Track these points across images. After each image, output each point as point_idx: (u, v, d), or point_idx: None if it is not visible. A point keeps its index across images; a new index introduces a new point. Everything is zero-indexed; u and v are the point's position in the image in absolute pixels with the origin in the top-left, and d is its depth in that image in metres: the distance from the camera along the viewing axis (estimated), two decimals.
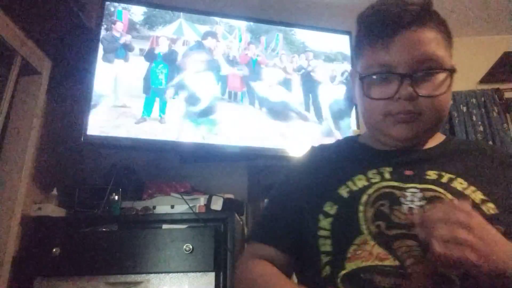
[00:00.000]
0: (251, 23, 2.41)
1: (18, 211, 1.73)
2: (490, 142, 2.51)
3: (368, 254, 0.65)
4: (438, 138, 0.84)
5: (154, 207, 1.88)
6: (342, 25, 2.62)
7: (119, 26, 2.12)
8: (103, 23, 2.08)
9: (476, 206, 0.66)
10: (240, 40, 2.32)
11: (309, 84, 2.41)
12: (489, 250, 0.54)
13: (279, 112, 2.28)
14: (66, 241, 1.65)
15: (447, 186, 0.70)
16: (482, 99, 2.64)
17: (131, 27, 2.14)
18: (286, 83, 2.35)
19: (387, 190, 0.71)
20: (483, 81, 2.74)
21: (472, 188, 0.70)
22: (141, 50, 2.12)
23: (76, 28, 1.98)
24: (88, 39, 2.05)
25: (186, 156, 2.25)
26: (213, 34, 2.25)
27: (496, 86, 2.69)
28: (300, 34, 2.50)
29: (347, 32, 2.60)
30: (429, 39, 0.75)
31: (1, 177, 1.75)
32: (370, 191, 0.72)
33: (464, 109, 2.62)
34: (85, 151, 2.22)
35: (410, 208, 0.67)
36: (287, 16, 2.56)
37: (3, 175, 1.76)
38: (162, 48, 2.15)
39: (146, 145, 2.02)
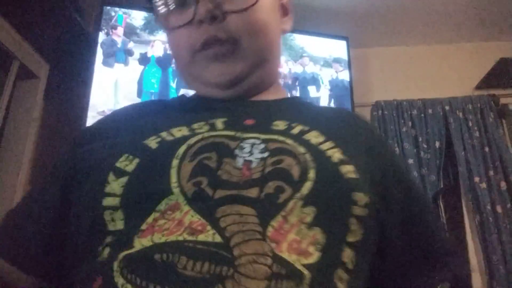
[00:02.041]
0: None
1: None
2: (486, 148, 2.53)
3: (176, 224, 0.42)
4: (283, 93, 0.68)
5: None
6: (339, 31, 2.64)
7: (120, 31, 2.12)
8: (103, 27, 2.09)
9: (333, 166, 0.48)
10: None
11: (305, 91, 2.42)
12: None
13: None
14: None
15: (298, 138, 0.51)
16: (478, 105, 2.66)
17: (131, 32, 2.15)
18: (284, 88, 2.37)
19: (217, 140, 0.51)
20: (479, 87, 2.76)
21: (330, 143, 0.51)
22: (141, 54, 2.13)
23: (74, 32, 1.97)
24: (86, 43, 2.05)
25: None
26: None
27: (492, 92, 2.72)
28: (299, 40, 2.52)
29: (344, 38, 2.61)
30: None
31: None
32: (192, 140, 0.50)
33: (460, 114, 2.64)
34: None
35: (247, 161, 0.47)
36: None
37: (0, 179, 1.75)
38: (156, 52, 2.16)
39: None
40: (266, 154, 0.48)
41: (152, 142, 0.51)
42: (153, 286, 0.38)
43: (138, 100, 2.05)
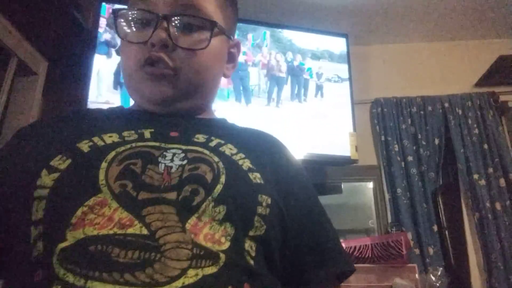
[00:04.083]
0: (240, 24, 2.43)
1: None
2: (485, 145, 2.53)
3: (106, 220, 0.48)
4: (212, 115, 0.79)
5: None
6: (339, 28, 2.64)
7: (103, 22, 2.08)
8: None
9: (244, 173, 0.59)
10: None
11: (298, 81, 2.42)
12: None
13: (265, 107, 2.30)
14: None
15: (214, 149, 0.60)
16: (478, 102, 2.66)
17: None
18: (272, 79, 2.37)
19: (144, 149, 0.57)
20: (478, 84, 2.76)
21: (241, 155, 0.62)
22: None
23: (72, 28, 1.97)
24: (84, 39, 2.04)
25: None
26: None
27: (491, 89, 2.71)
28: (287, 32, 2.50)
29: (344, 35, 2.61)
30: None
31: None
32: (121, 148, 0.56)
33: (460, 112, 2.63)
34: None
35: (168, 167, 0.54)
36: (281, 17, 2.57)
37: None
38: None
39: None
40: (184, 162, 0.56)
41: (85, 146, 0.56)
42: (92, 272, 0.43)
43: (118, 92, 2.03)
